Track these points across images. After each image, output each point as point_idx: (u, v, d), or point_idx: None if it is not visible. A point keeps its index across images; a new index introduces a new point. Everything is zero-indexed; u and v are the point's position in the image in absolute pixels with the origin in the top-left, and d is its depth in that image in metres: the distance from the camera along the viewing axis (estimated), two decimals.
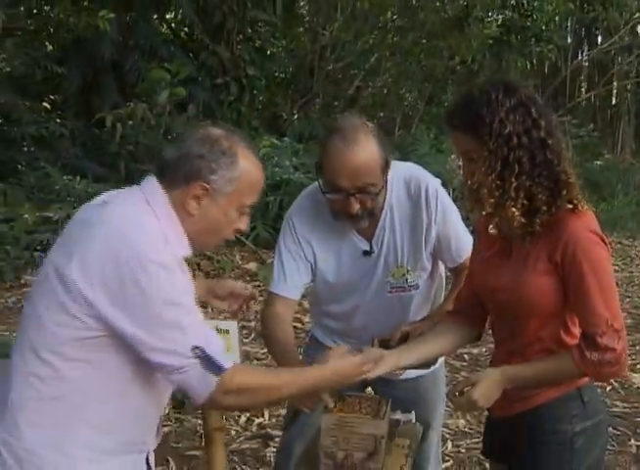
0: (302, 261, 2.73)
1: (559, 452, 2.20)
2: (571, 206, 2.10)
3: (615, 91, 19.43)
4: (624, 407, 5.15)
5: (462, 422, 4.74)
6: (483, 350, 6.33)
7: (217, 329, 2.67)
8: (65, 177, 8.71)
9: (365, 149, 2.45)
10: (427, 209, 2.64)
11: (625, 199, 13.49)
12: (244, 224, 2.08)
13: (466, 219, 2.64)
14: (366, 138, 2.47)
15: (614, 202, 12.92)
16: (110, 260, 1.80)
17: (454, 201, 2.74)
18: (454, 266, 2.76)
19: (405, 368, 2.42)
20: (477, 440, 4.67)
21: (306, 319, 6.62)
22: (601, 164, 15.72)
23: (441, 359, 2.97)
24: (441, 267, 2.85)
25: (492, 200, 2.10)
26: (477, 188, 2.12)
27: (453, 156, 2.52)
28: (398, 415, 2.56)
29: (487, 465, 4.31)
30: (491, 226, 2.20)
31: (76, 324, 1.83)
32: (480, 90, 2.11)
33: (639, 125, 19.25)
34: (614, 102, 19.72)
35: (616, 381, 5.50)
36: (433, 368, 2.88)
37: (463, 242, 2.69)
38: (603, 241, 2.10)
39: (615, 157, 17.83)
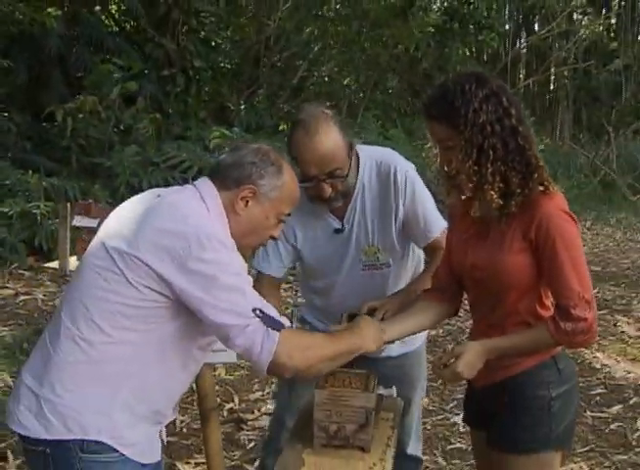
0: (284, 245, 2.90)
1: (538, 416, 2.36)
2: (542, 188, 2.26)
3: (553, 77, 19.79)
4: (579, 382, 5.34)
5: (426, 400, 4.90)
6: (440, 331, 6.54)
7: None
8: (16, 172, 8.63)
9: (328, 137, 2.59)
10: (395, 190, 2.76)
11: (568, 182, 13.83)
12: (277, 232, 2.31)
13: (441, 204, 2.76)
14: (327, 126, 2.61)
15: (556, 186, 13.20)
16: (176, 236, 1.98)
17: (428, 187, 2.87)
18: (425, 246, 2.89)
19: (388, 342, 2.54)
20: (441, 417, 4.86)
21: None
22: (541, 148, 16.04)
23: (423, 338, 3.13)
24: (417, 248, 2.98)
25: (471, 184, 2.25)
26: (455, 174, 2.27)
27: (429, 144, 2.63)
28: (381, 390, 2.69)
29: (452, 440, 4.50)
30: (474, 210, 2.33)
31: (134, 294, 1.99)
32: (453, 82, 2.24)
33: (577, 111, 19.68)
34: (552, 88, 20.10)
35: (570, 356, 5.71)
36: (416, 346, 3.04)
37: (432, 223, 2.82)
38: (573, 219, 2.26)
39: (554, 142, 18.22)
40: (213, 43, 13.09)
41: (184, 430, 4.57)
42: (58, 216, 6.02)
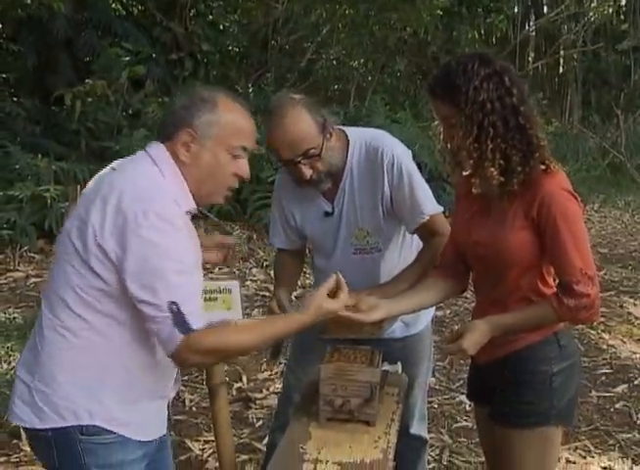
0: (286, 220, 3.04)
1: (539, 391, 2.41)
2: (543, 167, 2.30)
3: (562, 60, 19.70)
4: (585, 361, 5.41)
5: (433, 380, 4.94)
6: (447, 312, 6.58)
7: (219, 289, 2.84)
8: (25, 156, 8.67)
9: (294, 119, 2.65)
10: (383, 172, 2.77)
11: (576, 165, 13.80)
12: (242, 170, 2.18)
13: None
14: (294, 109, 2.66)
15: (564, 168, 13.19)
16: (122, 215, 1.93)
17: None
18: (414, 230, 2.86)
19: (395, 316, 2.58)
20: (447, 396, 4.91)
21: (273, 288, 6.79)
22: (550, 131, 15.99)
23: (428, 321, 3.16)
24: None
25: (471, 161, 2.29)
26: (456, 151, 2.31)
27: (436, 122, 2.67)
28: (386, 366, 2.74)
29: (458, 418, 4.55)
30: (475, 187, 2.36)
31: (98, 279, 1.98)
32: (457, 62, 2.28)
33: (586, 93, 19.59)
34: (561, 71, 20.02)
35: (576, 336, 5.77)
36: (419, 329, 3.08)
37: (420, 206, 2.79)
38: (574, 197, 2.29)
39: (563, 124, 18.16)
40: (221, 26, 13.09)
41: (193, 408, 4.63)
42: (67, 199, 6.07)
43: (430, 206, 2.80)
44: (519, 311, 2.36)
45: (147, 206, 1.93)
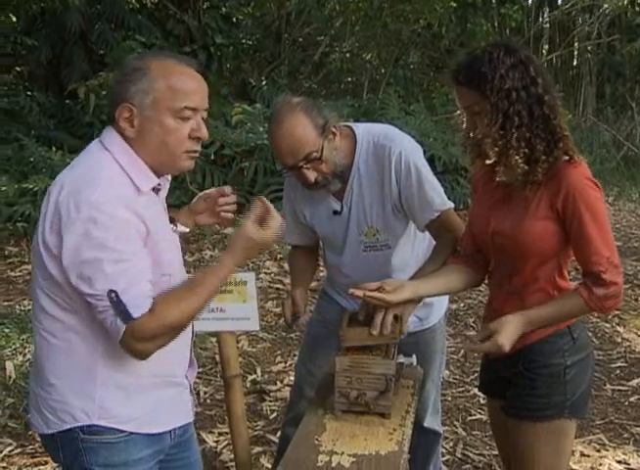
0: (297, 218, 3.06)
1: (552, 383, 2.41)
2: (567, 157, 2.30)
3: (576, 52, 19.59)
4: (599, 355, 5.40)
5: (447, 372, 4.95)
6: (461, 305, 6.57)
7: (235, 281, 2.86)
8: (40, 149, 8.71)
9: (292, 124, 2.65)
10: (390, 169, 2.77)
11: (590, 158, 13.72)
12: (196, 130, 2.05)
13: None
14: (291, 115, 2.66)
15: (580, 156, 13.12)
16: (57, 210, 1.89)
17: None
18: (425, 227, 2.85)
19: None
20: (461, 389, 4.91)
21: (287, 281, 6.82)
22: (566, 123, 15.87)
23: (441, 315, 3.16)
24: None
25: (496, 148, 2.29)
26: (481, 138, 2.31)
27: (458, 112, 2.66)
28: (401, 359, 2.75)
29: (472, 411, 4.55)
30: (499, 175, 2.36)
31: (53, 277, 1.95)
32: (482, 50, 2.30)
33: (600, 86, 19.47)
34: (575, 63, 19.90)
35: (590, 329, 5.77)
36: (432, 323, 3.08)
37: (429, 202, 2.77)
38: (597, 186, 2.30)
39: (577, 117, 18.07)
40: (235, 19, 13.06)
41: (207, 401, 4.65)
42: None
43: (439, 201, 2.78)
44: (548, 305, 2.35)
45: (79, 197, 1.87)
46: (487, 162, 2.36)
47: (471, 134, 2.34)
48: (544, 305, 2.36)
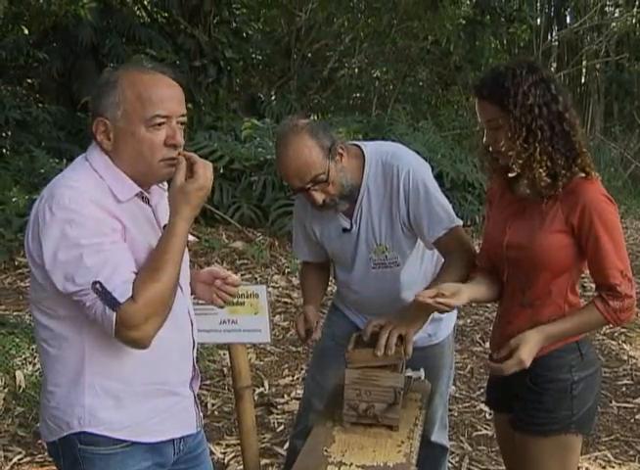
0: (308, 234, 3.08)
1: (560, 399, 2.44)
2: (584, 174, 2.37)
3: (584, 70, 19.64)
4: (605, 372, 5.40)
5: (453, 388, 4.97)
6: (468, 321, 6.59)
7: (247, 294, 2.90)
8: (50, 161, 8.77)
9: (298, 148, 2.68)
10: (399, 188, 2.81)
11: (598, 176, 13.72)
12: (171, 137, 2.02)
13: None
14: (297, 138, 2.69)
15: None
16: (36, 219, 1.92)
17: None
18: (432, 244, 2.86)
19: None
20: (467, 404, 4.93)
21: (295, 294, 6.85)
22: None
23: (449, 331, 3.19)
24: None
25: (520, 161, 2.36)
26: (501, 152, 2.38)
27: (478, 127, 2.75)
28: (409, 372, 2.77)
29: (479, 427, 4.56)
30: (521, 187, 2.46)
31: (41, 286, 1.98)
32: (505, 67, 2.37)
33: (608, 104, 19.51)
34: (583, 81, 19.95)
35: (597, 347, 5.78)
36: (440, 339, 3.10)
37: (437, 221, 2.79)
38: (612, 202, 2.37)
39: (585, 135, 18.08)
40: (245, 34, 13.10)
41: (215, 412, 4.69)
42: None
43: (447, 219, 2.80)
44: (566, 319, 2.41)
45: (53, 201, 1.90)
46: (510, 175, 2.44)
47: (490, 148, 2.39)
48: (561, 319, 2.41)
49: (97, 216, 1.91)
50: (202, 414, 2.33)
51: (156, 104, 1.99)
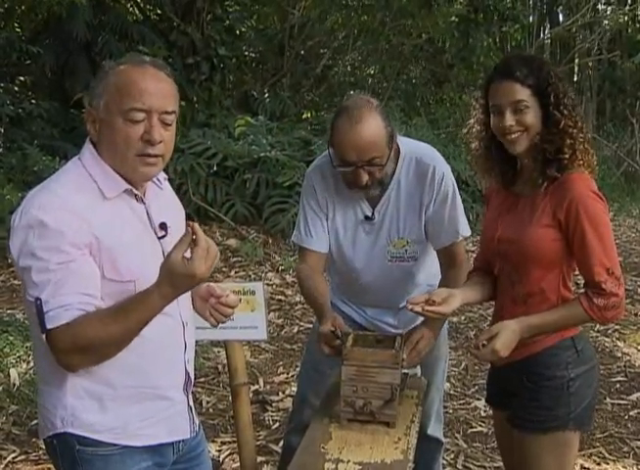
0: (324, 217, 2.98)
1: (557, 396, 2.45)
2: (581, 169, 2.39)
3: (577, 68, 19.67)
4: (599, 369, 5.40)
5: (448, 385, 4.97)
6: (462, 318, 6.60)
7: (243, 290, 2.88)
8: (44, 158, 8.74)
9: (370, 125, 2.66)
10: (430, 189, 2.85)
11: None
12: (147, 133, 1.96)
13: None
14: (370, 115, 2.68)
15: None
16: (13, 217, 1.90)
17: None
18: (440, 249, 2.94)
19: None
20: (462, 401, 4.93)
21: (289, 292, 6.85)
22: None
23: (445, 323, 3.18)
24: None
25: (536, 140, 2.40)
26: (531, 130, 2.39)
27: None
28: (405, 369, 2.77)
29: (473, 424, 4.57)
30: (519, 186, 2.51)
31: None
32: (529, 54, 2.44)
33: (601, 102, 19.54)
34: (576, 79, 19.98)
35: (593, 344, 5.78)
36: None
37: (454, 228, 2.89)
38: (601, 199, 2.37)
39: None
40: (238, 32, 13.09)
41: (210, 410, 4.68)
42: None
43: (464, 228, 2.90)
44: (549, 312, 2.41)
45: (27, 204, 1.90)
46: (519, 150, 2.43)
47: (505, 131, 2.40)
48: (545, 312, 2.41)
49: (60, 229, 1.86)
50: (197, 421, 2.28)
51: (134, 97, 1.94)
